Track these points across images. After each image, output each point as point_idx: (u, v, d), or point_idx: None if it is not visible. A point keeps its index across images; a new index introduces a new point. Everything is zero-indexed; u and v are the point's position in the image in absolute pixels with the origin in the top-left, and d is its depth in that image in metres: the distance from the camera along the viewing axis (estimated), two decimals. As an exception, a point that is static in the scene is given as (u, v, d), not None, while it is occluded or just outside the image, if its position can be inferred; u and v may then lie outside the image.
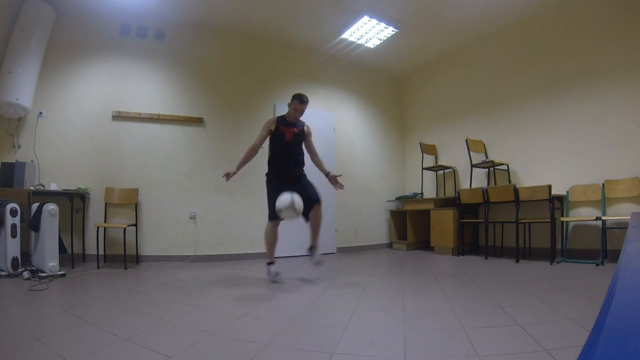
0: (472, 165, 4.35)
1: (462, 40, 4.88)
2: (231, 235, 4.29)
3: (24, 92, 3.49)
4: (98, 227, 3.66)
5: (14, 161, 3.46)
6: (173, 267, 3.67)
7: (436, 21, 4.39)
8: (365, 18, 4.24)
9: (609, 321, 0.35)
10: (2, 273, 2.83)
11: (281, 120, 3.03)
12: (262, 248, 4.38)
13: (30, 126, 3.72)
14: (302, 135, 3.07)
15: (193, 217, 4.15)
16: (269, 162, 3.08)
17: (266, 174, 3.09)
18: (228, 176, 2.89)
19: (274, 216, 2.81)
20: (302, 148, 3.10)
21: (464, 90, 5.00)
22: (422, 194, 5.27)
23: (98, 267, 3.46)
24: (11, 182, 3.32)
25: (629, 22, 3.40)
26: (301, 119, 3.14)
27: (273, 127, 3.01)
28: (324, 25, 4.50)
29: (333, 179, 3.04)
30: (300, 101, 2.99)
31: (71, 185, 3.68)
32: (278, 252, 3.91)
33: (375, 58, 5.32)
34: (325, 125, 4.94)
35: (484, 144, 4.60)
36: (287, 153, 3.02)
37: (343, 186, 3.11)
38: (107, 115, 3.98)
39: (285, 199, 2.61)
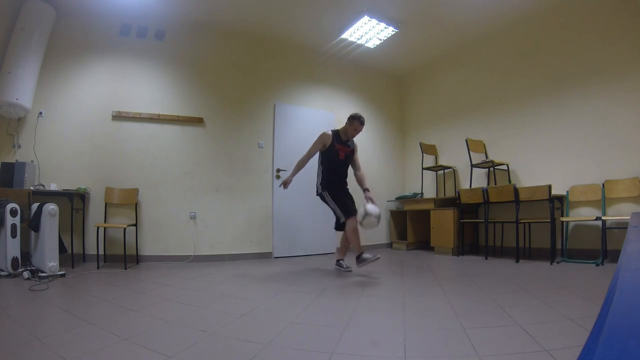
0: (472, 165, 4.35)
1: (462, 40, 4.88)
2: (231, 235, 4.29)
3: (24, 92, 3.49)
4: (98, 227, 3.66)
5: (14, 161, 3.46)
6: (173, 267, 3.67)
7: (436, 21, 4.39)
8: (365, 18, 4.24)
9: (609, 321, 0.35)
10: (2, 273, 2.83)
11: (336, 137, 3.22)
12: (261, 248, 4.41)
13: (30, 126, 3.72)
14: (352, 155, 3.33)
15: (193, 217, 4.15)
16: (323, 174, 3.27)
17: (322, 187, 3.27)
18: (285, 185, 3.25)
19: (350, 213, 3.13)
20: (348, 167, 3.38)
21: (464, 90, 5.00)
22: (422, 194, 5.27)
23: (98, 267, 3.46)
24: (11, 182, 3.32)
25: (629, 22, 3.40)
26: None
27: (328, 143, 3.20)
28: (324, 25, 4.50)
29: (368, 197, 3.25)
30: (361, 123, 3.20)
31: (71, 185, 3.68)
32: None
33: (375, 58, 5.32)
34: (325, 125, 4.91)
35: (484, 144, 4.60)
36: (338, 170, 3.28)
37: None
38: (107, 115, 3.98)
39: (375, 208, 3.02)
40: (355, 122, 3.18)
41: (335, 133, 3.24)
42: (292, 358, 1.37)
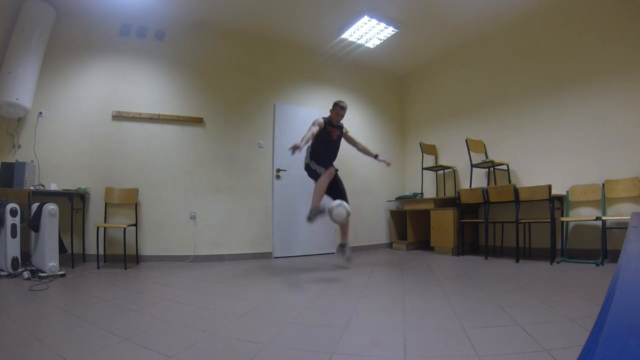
0: (472, 165, 4.35)
1: (462, 40, 4.88)
2: (231, 235, 4.29)
3: (24, 92, 3.49)
4: (98, 227, 3.66)
5: (14, 161, 3.46)
6: (173, 267, 3.67)
7: (436, 21, 4.39)
8: (365, 18, 4.24)
9: (609, 321, 0.35)
10: (2, 273, 2.83)
11: (328, 122, 3.57)
12: (261, 248, 4.41)
13: (30, 126, 3.72)
14: (341, 136, 3.70)
15: (193, 217, 4.15)
16: (313, 154, 3.52)
17: (308, 163, 3.52)
18: (294, 149, 3.21)
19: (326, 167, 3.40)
20: (339, 147, 3.71)
21: (464, 90, 5.00)
22: (422, 194, 5.27)
23: (98, 267, 3.46)
24: (11, 182, 3.32)
25: (629, 22, 3.40)
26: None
27: (322, 125, 3.50)
28: (324, 25, 4.50)
29: (381, 160, 3.83)
30: (341, 107, 3.56)
31: (71, 185, 3.68)
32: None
33: (375, 58, 5.32)
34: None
35: (484, 144, 4.60)
36: (330, 149, 3.61)
37: (389, 163, 3.91)
38: (107, 115, 3.98)
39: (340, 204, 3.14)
40: (336, 107, 3.55)
41: (327, 119, 3.58)
42: (292, 358, 1.37)
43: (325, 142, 3.55)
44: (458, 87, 5.10)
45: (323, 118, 3.56)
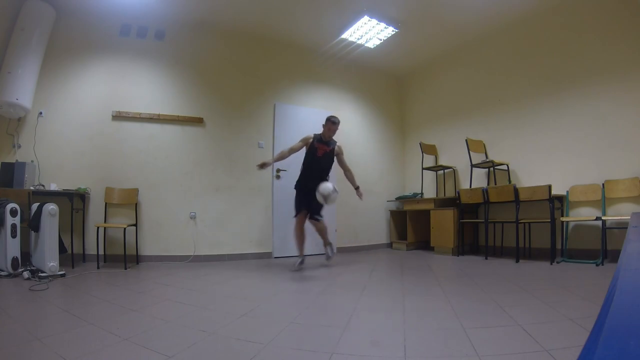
0: (472, 165, 4.35)
1: (462, 40, 4.88)
2: (231, 235, 4.29)
3: (24, 92, 3.49)
4: (98, 227, 3.66)
5: (14, 161, 3.46)
6: (173, 267, 3.67)
7: (436, 21, 4.39)
8: (365, 18, 4.24)
9: (609, 321, 0.35)
10: (2, 273, 2.83)
11: (318, 138, 3.54)
12: (261, 248, 4.42)
13: (30, 126, 3.72)
14: (332, 154, 3.58)
15: (193, 217, 4.15)
16: (301, 171, 3.59)
17: (297, 182, 3.60)
18: (264, 165, 3.41)
19: (298, 211, 3.48)
20: (330, 166, 3.61)
21: (464, 90, 5.00)
22: (422, 194, 5.27)
23: (98, 267, 3.46)
24: (11, 182, 3.32)
25: (629, 22, 3.40)
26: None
27: (310, 142, 3.53)
28: (324, 25, 4.50)
29: (359, 194, 3.74)
30: (332, 122, 3.50)
31: (71, 185, 3.68)
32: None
33: (375, 58, 5.32)
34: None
35: (484, 144, 4.60)
36: (315, 166, 3.51)
37: (362, 199, 3.80)
38: (107, 115, 3.98)
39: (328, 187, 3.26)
40: (327, 122, 3.51)
41: (317, 135, 3.57)
42: (292, 358, 1.37)
43: (309, 159, 3.51)
44: (458, 87, 5.10)
45: (314, 135, 3.56)
